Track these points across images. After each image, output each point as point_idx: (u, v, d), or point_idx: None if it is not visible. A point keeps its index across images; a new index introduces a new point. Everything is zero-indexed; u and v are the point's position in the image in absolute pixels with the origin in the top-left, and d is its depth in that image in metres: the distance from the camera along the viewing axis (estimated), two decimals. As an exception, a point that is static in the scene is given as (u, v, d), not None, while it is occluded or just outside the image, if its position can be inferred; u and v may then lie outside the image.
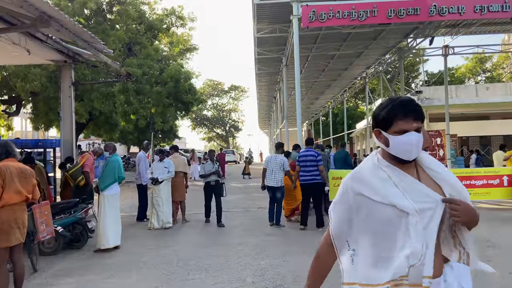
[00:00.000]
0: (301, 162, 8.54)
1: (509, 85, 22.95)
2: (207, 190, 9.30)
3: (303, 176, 8.50)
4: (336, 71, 23.53)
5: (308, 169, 8.43)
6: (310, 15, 11.74)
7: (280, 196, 8.77)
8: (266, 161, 9.08)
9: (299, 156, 8.76)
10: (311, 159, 8.44)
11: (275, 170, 8.74)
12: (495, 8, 11.59)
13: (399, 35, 17.50)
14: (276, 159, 8.83)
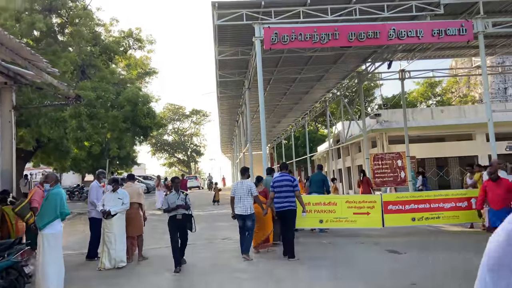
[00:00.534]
0: (276, 188, 8.08)
1: (463, 108, 23.91)
2: (173, 227, 7.61)
3: (279, 203, 8.02)
4: (298, 95, 23.57)
5: (284, 195, 7.97)
6: (272, 37, 11.52)
7: (251, 224, 8.15)
8: (233, 189, 8.46)
9: (274, 182, 8.28)
10: (287, 184, 8.01)
11: (243, 197, 8.13)
12: (452, 32, 11.87)
13: (358, 59, 17.76)
14: (242, 185, 8.25)
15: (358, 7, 11.99)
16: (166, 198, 7.96)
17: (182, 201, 7.72)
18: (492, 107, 23.75)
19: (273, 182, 8.30)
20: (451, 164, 23.94)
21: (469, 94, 53.03)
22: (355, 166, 28.53)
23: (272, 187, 8.21)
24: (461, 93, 53.94)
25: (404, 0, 12.02)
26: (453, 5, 12.35)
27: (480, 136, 22.52)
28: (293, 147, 37.07)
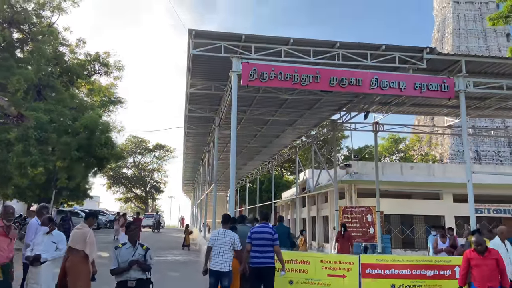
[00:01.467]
0: (254, 240, 6.96)
1: (432, 166, 23.89)
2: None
3: (255, 257, 6.88)
4: (268, 138, 22.80)
5: (262, 249, 6.87)
6: (250, 73, 10.71)
7: (227, 284, 6.78)
8: (212, 238, 7.09)
9: (252, 232, 7.12)
10: (267, 237, 6.93)
11: (224, 250, 6.81)
12: (434, 87, 11.55)
13: (333, 107, 17.31)
14: (225, 235, 6.96)
15: (341, 52, 11.52)
16: (117, 252, 5.62)
17: (139, 258, 5.52)
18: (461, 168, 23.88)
19: (251, 233, 7.16)
20: (416, 222, 23.45)
21: (430, 153, 54.71)
22: (320, 216, 27.62)
23: (250, 238, 7.07)
24: (423, 151, 55.59)
25: (388, 51, 11.70)
26: (435, 61, 12.15)
27: (447, 196, 22.36)
28: (257, 191, 35.92)
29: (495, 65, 12.42)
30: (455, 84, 11.69)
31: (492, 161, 52.78)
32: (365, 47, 11.61)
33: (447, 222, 22.15)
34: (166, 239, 26.79)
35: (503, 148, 54.77)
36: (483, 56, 12.07)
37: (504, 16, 13.51)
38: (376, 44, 11.59)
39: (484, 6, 56.69)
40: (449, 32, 55.31)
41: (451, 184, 21.92)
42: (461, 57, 11.88)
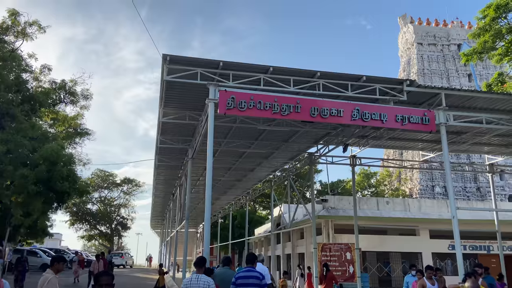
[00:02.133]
0: (239, 287, 6.20)
1: (407, 200, 23.67)
2: None
3: None
4: (243, 171, 22.05)
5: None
6: (228, 101, 10.11)
7: None
8: (185, 285, 6.17)
9: (237, 277, 6.33)
10: (254, 283, 6.19)
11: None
12: (415, 120, 11.31)
13: (311, 140, 16.89)
14: (198, 281, 6.03)
15: (322, 82, 11.16)
16: None
17: None
18: (432, 204, 23.79)
19: (236, 278, 6.35)
20: (393, 259, 22.83)
21: (400, 188, 55.26)
22: (296, 253, 26.61)
23: (234, 284, 6.27)
24: (393, 186, 56.13)
25: (368, 82, 11.45)
26: (415, 94, 11.98)
27: (423, 232, 22.00)
28: (230, 227, 34.63)
29: (473, 99, 12.39)
30: (435, 117, 11.54)
31: (460, 197, 53.78)
32: (346, 78, 11.33)
33: (424, 259, 21.72)
34: (135, 282, 24.93)
35: (469, 184, 56.06)
36: (462, 90, 12.03)
37: (479, 52, 13.70)
38: (356, 75, 11.33)
39: (446, 48, 59.65)
40: (414, 72, 57.58)
41: (428, 220, 21.67)
42: (440, 90, 11.78)
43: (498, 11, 12.61)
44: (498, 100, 12.18)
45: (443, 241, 21.91)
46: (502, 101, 12.18)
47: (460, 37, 57.25)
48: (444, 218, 21.80)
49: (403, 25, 63.94)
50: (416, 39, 59.31)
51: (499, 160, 19.17)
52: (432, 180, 55.60)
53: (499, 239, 17.91)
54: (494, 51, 14.02)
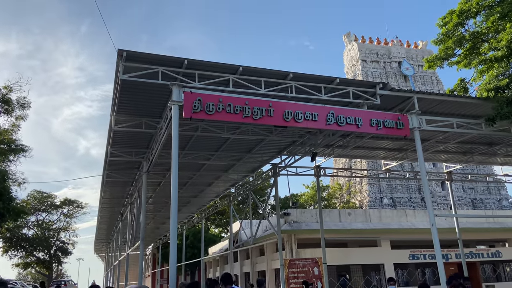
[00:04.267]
0: None
1: (368, 211, 23.46)
2: None
3: None
4: (200, 186, 20.68)
5: None
6: (195, 104, 9.00)
7: None
8: None
9: None
10: None
11: None
12: (390, 124, 10.87)
13: (275, 150, 16.06)
14: None
15: (295, 84, 10.40)
16: None
17: None
18: (396, 214, 23.79)
19: None
20: (353, 272, 22.33)
21: (350, 200, 56.21)
22: (255, 271, 25.41)
23: None
24: (344, 199, 56.97)
25: (342, 85, 10.87)
26: (387, 98, 11.56)
27: (385, 243, 21.79)
28: (183, 247, 32.70)
29: (441, 104, 12.23)
30: (409, 121, 11.18)
31: (406, 207, 55.65)
32: (319, 80, 10.66)
33: (386, 271, 21.45)
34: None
35: (414, 195, 58.28)
36: (433, 94, 11.82)
37: (442, 58, 13.71)
38: (330, 77, 10.71)
39: (388, 65, 62.47)
40: (361, 87, 59.51)
41: (389, 230, 21.51)
42: (413, 93, 11.47)
43: (461, 16, 12.67)
44: (467, 104, 12.11)
45: (403, 251, 21.83)
46: (471, 105, 12.13)
47: (400, 55, 60.17)
48: (404, 228, 21.81)
49: (348, 42, 66.27)
50: (361, 56, 61.54)
51: (456, 168, 19.52)
52: (380, 192, 57.15)
53: (460, 246, 18.02)
54: (454, 58, 14.11)
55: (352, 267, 22.02)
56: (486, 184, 40.35)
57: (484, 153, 17.11)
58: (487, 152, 16.86)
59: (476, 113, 12.58)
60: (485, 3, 12.79)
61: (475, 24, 13.15)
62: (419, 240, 21.53)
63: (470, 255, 21.98)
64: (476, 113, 12.59)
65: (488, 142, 15.97)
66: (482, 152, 16.89)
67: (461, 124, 11.94)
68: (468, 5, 12.46)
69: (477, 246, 24.60)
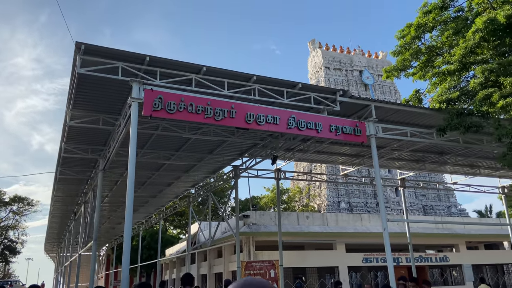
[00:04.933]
0: None
1: (326, 215, 23.95)
2: None
3: None
4: (158, 186, 20.29)
5: None
6: (155, 102, 8.85)
7: None
8: None
9: None
10: None
11: None
12: (348, 131, 11.18)
13: (237, 151, 16.06)
14: None
15: (258, 87, 10.46)
16: None
17: None
18: (349, 218, 24.41)
19: None
20: (309, 275, 22.72)
21: (309, 204, 57.20)
22: (212, 274, 25.26)
23: None
24: (303, 203, 57.88)
25: (304, 90, 11.05)
26: (346, 105, 11.86)
27: (340, 246, 22.33)
28: (140, 248, 31.94)
29: (397, 113, 12.71)
30: (366, 128, 11.54)
31: (362, 212, 57.36)
32: (282, 84, 10.79)
33: (340, 273, 21.99)
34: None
35: (370, 200, 60.18)
36: (390, 103, 12.28)
37: (398, 69, 14.27)
38: (292, 82, 10.87)
39: (350, 73, 64.27)
40: (324, 93, 60.83)
41: (344, 234, 22.06)
42: (371, 102, 11.86)
43: (419, 30, 13.25)
44: (421, 115, 12.66)
45: (356, 255, 22.46)
46: (424, 115, 12.70)
47: (361, 64, 62.07)
48: (359, 232, 22.45)
49: (312, 49, 67.59)
50: (324, 63, 62.92)
51: (410, 175, 20.34)
52: (338, 196, 58.53)
53: (411, 250, 18.75)
54: (410, 69, 14.73)
55: (308, 269, 22.40)
56: (436, 192, 42.29)
57: (435, 162, 17.93)
58: (438, 160, 17.69)
59: (429, 123, 13.18)
60: (441, 19, 13.47)
61: (431, 38, 13.79)
62: (373, 244, 22.23)
63: (420, 259, 22.95)
64: (428, 123, 13.19)
65: (439, 151, 16.76)
66: (434, 160, 17.70)
67: (415, 133, 12.47)
68: (425, 20, 13.05)
69: (426, 250, 25.73)
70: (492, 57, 11.44)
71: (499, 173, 19.57)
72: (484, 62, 11.27)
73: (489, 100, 10.56)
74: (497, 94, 10.27)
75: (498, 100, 10.24)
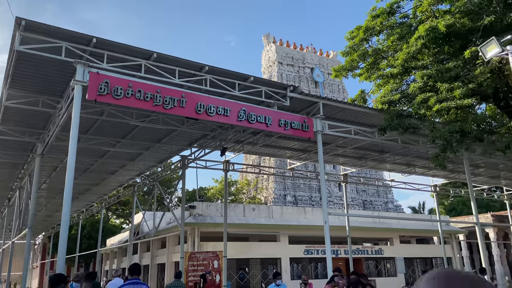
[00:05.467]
0: None
1: (271, 207, 24.39)
2: None
3: None
4: (102, 174, 19.57)
5: None
6: (101, 86, 8.52)
7: None
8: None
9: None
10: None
11: None
12: (296, 126, 11.45)
13: (186, 141, 15.87)
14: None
15: (209, 78, 10.40)
16: None
17: None
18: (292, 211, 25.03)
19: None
20: (252, 266, 23.08)
21: (256, 196, 57.94)
22: (154, 264, 24.87)
23: None
24: (250, 195, 58.50)
25: (256, 83, 11.15)
26: (295, 100, 12.14)
27: (283, 238, 22.89)
28: (78, 238, 30.67)
29: (342, 111, 13.21)
30: (313, 124, 11.89)
31: (307, 205, 59.05)
32: (234, 76, 10.81)
33: (283, 264, 22.55)
34: None
35: (315, 194, 62.10)
36: (337, 101, 12.74)
37: (347, 69, 14.80)
38: (244, 75, 10.93)
39: (302, 70, 65.56)
40: (275, 88, 61.56)
41: (288, 226, 22.63)
42: (319, 99, 12.23)
43: (367, 33, 13.81)
44: (365, 114, 13.25)
45: (298, 246, 23.16)
46: (368, 115, 13.30)
47: (313, 61, 63.50)
48: (302, 225, 23.13)
49: (267, 43, 68.05)
50: (277, 58, 63.64)
51: (352, 171, 21.24)
52: (284, 189, 59.80)
53: (349, 243, 19.67)
54: (358, 70, 15.34)
55: (252, 260, 22.74)
56: (376, 188, 44.49)
57: (375, 159, 18.86)
58: (378, 158, 18.63)
59: (372, 122, 13.84)
60: (388, 23, 14.14)
61: (378, 41, 14.45)
62: (315, 237, 23.01)
63: (357, 252, 24.12)
64: (371, 122, 13.85)
65: (380, 150, 17.65)
66: (374, 158, 18.61)
67: (358, 131, 13.04)
68: (373, 23, 13.63)
69: (363, 243, 27.07)
70: (432, 64, 12.21)
71: (432, 172, 20.99)
72: (424, 68, 11.99)
73: (427, 103, 11.28)
74: (434, 99, 10.99)
75: (434, 104, 10.97)
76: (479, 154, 13.61)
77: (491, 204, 43.13)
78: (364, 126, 13.84)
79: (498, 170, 20.36)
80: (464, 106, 10.52)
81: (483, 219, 28.88)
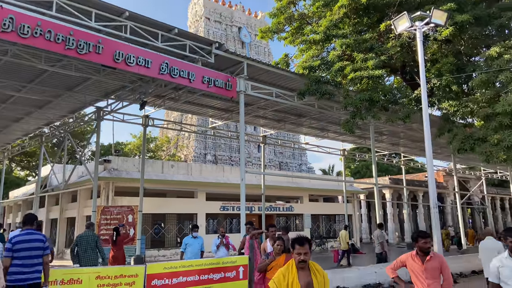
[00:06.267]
0: (20, 252, 5.31)
1: (191, 165, 24.40)
2: None
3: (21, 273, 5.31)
4: (4, 121, 17.83)
5: (31, 262, 5.39)
6: (5, 22, 7.65)
7: None
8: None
9: (14, 242, 5.34)
10: (38, 247, 5.44)
11: None
12: (220, 84, 11.45)
13: (101, 92, 14.99)
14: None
15: (130, 25, 9.83)
16: None
17: None
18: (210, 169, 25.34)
19: (13, 242, 5.35)
20: (168, 221, 23.25)
21: (176, 154, 57.39)
22: (64, 218, 23.82)
23: (10, 250, 5.30)
24: (170, 152, 57.74)
25: (180, 36, 10.81)
26: (220, 58, 12.04)
27: (201, 195, 23.27)
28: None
29: (268, 73, 13.44)
30: (237, 84, 11.98)
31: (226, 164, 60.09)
32: (157, 26, 10.34)
33: (199, 220, 23.06)
34: None
35: (235, 154, 63.31)
36: (261, 63, 12.89)
37: (273, 31, 14.95)
38: (168, 26, 10.51)
39: (229, 28, 64.43)
40: (201, 44, 59.97)
41: (206, 183, 22.99)
42: (244, 59, 12.26)
43: (294, -4, 13.98)
44: (287, 78, 13.63)
45: (215, 203, 23.78)
46: (289, 79, 13.70)
47: (241, 20, 62.58)
48: (220, 182, 23.64)
49: (195, -4, 65.30)
50: (205, 13, 61.55)
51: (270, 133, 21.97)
52: (205, 148, 59.96)
53: (263, 201, 20.68)
54: (283, 33, 15.58)
55: (168, 215, 22.89)
56: (292, 150, 46.63)
57: (293, 123, 19.69)
58: (296, 122, 19.47)
59: (293, 86, 14.31)
60: (314, -11, 14.41)
61: (304, 6, 14.72)
62: (232, 194, 23.72)
63: (270, 209, 25.48)
64: (292, 86, 14.32)
65: (298, 114, 18.41)
66: (292, 121, 19.41)
67: (279, 94, 13.44)
68: (301, -12, 13.80)
69: (276, 201, 28.60)
70: (351, 34, 12.85)
71: (342, 137, 22.57)
72: (343, 37, 12.59)
73: (343, 72, 11.95)
74: (349, 67, 11.68)
75: (350, 72, 11.67)
76: (383, 122, 14.87)
77: (390, 169, 47.95)
78: (285, 89, 14.27)
79: (398, 138, 22.52)
80: (375, 76, 11.35)
81: (381, 181, 32.12)
